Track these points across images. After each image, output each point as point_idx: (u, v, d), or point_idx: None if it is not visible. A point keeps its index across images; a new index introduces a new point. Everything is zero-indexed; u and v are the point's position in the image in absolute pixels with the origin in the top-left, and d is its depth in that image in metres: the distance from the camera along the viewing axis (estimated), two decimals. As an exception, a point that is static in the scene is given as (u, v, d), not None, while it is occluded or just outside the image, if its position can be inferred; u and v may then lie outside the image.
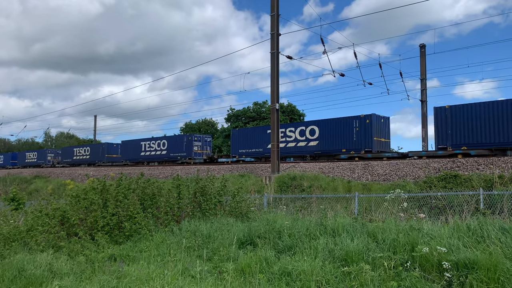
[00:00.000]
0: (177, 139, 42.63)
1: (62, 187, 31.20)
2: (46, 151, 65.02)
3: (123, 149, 48.73)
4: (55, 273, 6.17)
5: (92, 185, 9.46)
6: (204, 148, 40.55)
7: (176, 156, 40.66)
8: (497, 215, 9.50)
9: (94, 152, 53.89)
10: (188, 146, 39.53)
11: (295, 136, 30.46)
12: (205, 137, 41.59)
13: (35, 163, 63.71)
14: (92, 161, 53.84)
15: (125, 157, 47.85)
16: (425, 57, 36.15)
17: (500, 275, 4.73)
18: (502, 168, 17.65)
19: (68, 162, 58.29)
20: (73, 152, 58.27)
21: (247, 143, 33.96)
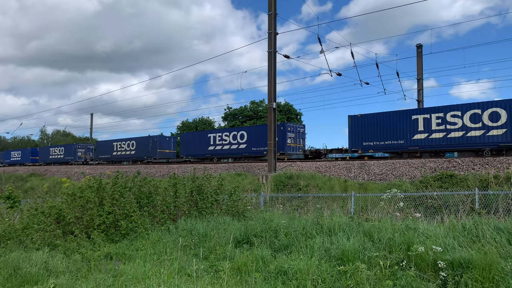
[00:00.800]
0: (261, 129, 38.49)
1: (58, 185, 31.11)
2: (76, 146, 56.23)
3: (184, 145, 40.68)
4: (51, 271, 6.15)
5: (88, 184, 9.44)
6: (298, 142, 34.62)
7: (262, 151, 34.84)
8: (492, 215, 9.55)
9: (141, 147, 44.89)
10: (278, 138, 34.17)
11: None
12: (299, 127, 33.75)
13: (62, 160, 56.04)
14: (140, 157, 45.00)
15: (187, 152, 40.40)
16: (421, 57, 36.28)
17: (495, 275, 4.76)
18: (498, 168, 17.75)
19: (106, 158, 49.25)
20: (112, 147, 48.56)
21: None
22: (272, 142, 23.17)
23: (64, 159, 55.13)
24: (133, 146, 45.22)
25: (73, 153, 54.21)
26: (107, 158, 49.12)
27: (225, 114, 59.18)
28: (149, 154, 42.65)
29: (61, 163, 55.31)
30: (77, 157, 53.36)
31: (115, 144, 48.07)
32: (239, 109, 57.80)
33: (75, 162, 52.88)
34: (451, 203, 11.85)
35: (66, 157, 54.42)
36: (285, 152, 29.69)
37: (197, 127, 61.92)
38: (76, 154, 53.52)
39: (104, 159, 49.41)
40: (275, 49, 23.34)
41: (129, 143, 45.93)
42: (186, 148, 38.60)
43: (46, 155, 59.07)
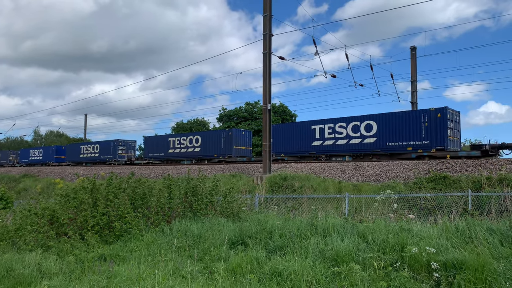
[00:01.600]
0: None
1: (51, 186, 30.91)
2: (115, 142, 46.70)
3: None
4: (44, 273, 6.12)
5: (82, 184, 9.40)
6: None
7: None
8: (485, 216, 9.63)
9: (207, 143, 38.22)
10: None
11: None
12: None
13: (97, 159, 48.49)
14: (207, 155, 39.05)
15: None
16: (415, 60, 36.50)
17: (488, 275, 4.80)
18: (490, 170, 17.89)
19: (159, 157, 41.21)
20: (168, 143, 40.70)
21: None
22: (267, 143, 23.19)
23: (99, 158, 47.94)
24: (197, 142, 38.82)
25: (113, 151, 46.43)
26: (160, 156, 41.36)
27: (220, 115, 59.16)
28: (221, 152, 36.79)
29: (96, 162, 48.44)
30: (118, 156, 45.90)
31: (172, 140, 40.82)
32: (234, 110, 57.80)
33: (115, 161, 45.78)
34: (444, 205, 11.93)
35: (103, 155, 47.17)
36: (445, 147, 23.62)
37: (191, 128, 61.83)
38: (116, 152, 45.98)
39: (157, 157, 41.73)
40: (270, 50, 23.38)
41: (192, 138, 39.44)
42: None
43: (75, 154, 52.18)
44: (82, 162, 50.63)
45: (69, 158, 51.51)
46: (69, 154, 52.56)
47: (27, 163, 60.65)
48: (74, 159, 51.96)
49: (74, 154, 52.46)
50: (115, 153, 45.94)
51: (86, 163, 49.57)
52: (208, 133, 38.70)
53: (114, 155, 45.88)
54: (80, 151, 51.15)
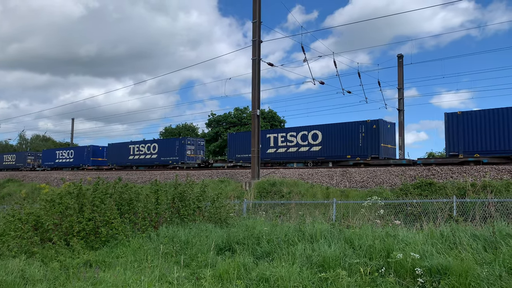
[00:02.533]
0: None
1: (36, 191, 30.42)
2: (183, 140, 38.29)
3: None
4: (28, 279, 6.01)
5: (68, 190, 9.28)
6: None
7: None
8: (470, 222, 9.78)
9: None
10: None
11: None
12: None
13: (154, 161, 39.74)
14: None
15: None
16: (402, 67, 37.01)
17: (471, 281, 4.87)
18: (475, 177, 18.18)
19: (243, 158, 33.14)
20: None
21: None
22: (255, 149, 23.23)
23: (159, 160, 39.03)
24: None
25: (179, 151, 37.17)
26: (273, 157, 33.14)
27: (209, 120, 59.06)
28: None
29: (154, 166, 39.73)
30: (187, 158, 37.01)
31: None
32: (223, 115, 57.78)
33: (181, 165, 37.07)
34: (430, 211, 12.07)
35: (164, 157, 38.46)
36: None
37: (180, 133, 61.57)
38: (183, 153, 36.90)
39: (273, 158, 32.76)
40: (259, 56, 23.49)
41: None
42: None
43: (121, 155, 42.81)
44: (132, 165, 42.13)
45: (112, 161, 44.10)
46: (112, 155, 44.25)
47: (52, 166, 52.24)
48: (121, 162, 43.25)
49: (119, 155, 43.47)
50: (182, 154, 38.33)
51: (138, 167, 41.47)
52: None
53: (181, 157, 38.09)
54: (130, 152, 42.46)
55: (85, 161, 46.82)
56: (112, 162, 44.30)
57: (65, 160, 49.43)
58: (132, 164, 42.25)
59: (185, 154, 37.22)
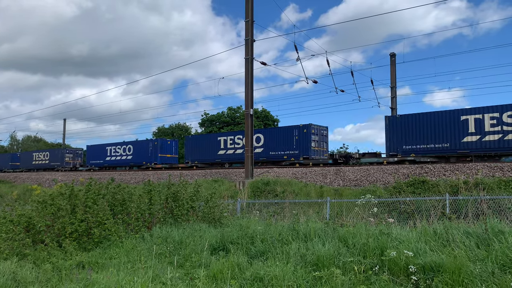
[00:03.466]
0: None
1: (28, 192, 30.13)
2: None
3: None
4: (19, 282, 5.94)
5: (60, 191, 9.20)
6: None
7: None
8: (462, 219, 9.85)
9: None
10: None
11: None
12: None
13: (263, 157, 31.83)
14: None
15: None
16: (395, 66, 37.20)
17: (464, 278, 4.90)
18: (467, 174, 18.32)
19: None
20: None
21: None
22: (249, 148, 23.20)
23: (280, 155, 30.31)
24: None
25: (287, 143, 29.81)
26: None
27: (202, 120, 58.89)
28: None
29: (268, 162, 31.21)
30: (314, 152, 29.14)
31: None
32: (216, 115, 57.65)
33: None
34: (423, 208, 12.14)
35: (281, 150, 30.02)
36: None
37: (173, 133, 61.37)
38: (308, 148, 28.62)
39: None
40: (252, 56, 23.47)
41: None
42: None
43: (203, 149, 35.17)
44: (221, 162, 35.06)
45: (191, 157, 36.43)
46: (192, 149, 37.08)
47: (101, 165, 44.99)
48: (204, 158, 35.68)
49: (205, 149, 36.21)
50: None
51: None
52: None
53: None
54: None
55: (150, 158, 39.15)
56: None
57: (121, 157, 42.26)
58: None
59: (309, 147, 33.76)
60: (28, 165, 55.15)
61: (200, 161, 35.22)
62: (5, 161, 61.62)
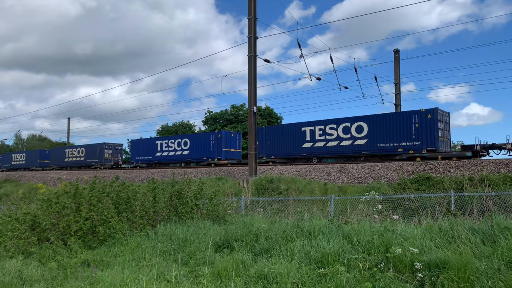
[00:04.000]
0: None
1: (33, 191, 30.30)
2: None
3: None
4: (25, 280, 5.98)
5: (64, 189, 9.24)
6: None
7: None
8: (467, 216, 9.80)
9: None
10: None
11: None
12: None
13: None
14: None
15: None
16: (399, 62, 37.02)
17: (470, 274, 4.87)
18: (472, 171, 18.22)
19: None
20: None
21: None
22: (252, 146, 23.19)
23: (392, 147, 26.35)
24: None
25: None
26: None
27: (206, 118, 58.94)
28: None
29: None
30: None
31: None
32: (219, 113, 57.67)
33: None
34: (428, 205, 12.09)
35: (395, 142, 26.56)
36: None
37: (177, 131, 61.49)
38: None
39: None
40: (255, 53, 23.42)
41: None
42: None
43: (284, 142, 30.48)
44: None
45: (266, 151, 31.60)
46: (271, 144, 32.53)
47: (151, 161, 39.54)
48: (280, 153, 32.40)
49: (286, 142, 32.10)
50: None
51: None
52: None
53: None
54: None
55: (213, 153, 33.94)
56: (268, 154, 33.77)
57: (174, 152, 36.81)
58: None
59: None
60: (60, 162, 50.27)
61: (279, 156, 30.37)
62: (33, 158, 55.28)
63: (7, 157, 61.80)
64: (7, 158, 61.22)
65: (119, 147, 46.86)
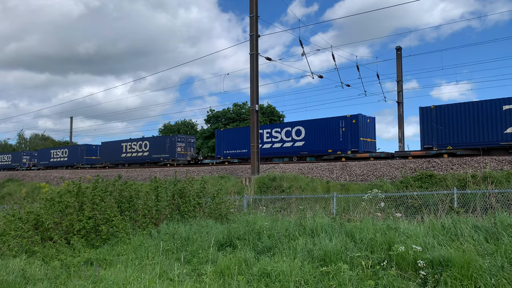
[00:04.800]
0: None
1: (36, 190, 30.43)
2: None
3: None
4: (29, 279, 5.99)
5: (67, 188, 9.26)
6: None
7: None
8: (470, 214, 9.76)
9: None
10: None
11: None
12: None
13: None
14: None
15: None
16: (401, 60, 36.89)
17: (473, 272, 4.85)
18: (475, 168, 18.16)
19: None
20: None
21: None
22: (255, 145, 23.19)
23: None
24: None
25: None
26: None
27: (208, 116, 58.99)
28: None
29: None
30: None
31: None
32: (221, 111, 57.69)
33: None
34: (430, 203, 12.06)
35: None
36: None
37: (179, 130, 61.54)
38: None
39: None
40: (257, 51, 23.39)
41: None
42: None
43: None
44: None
45: None
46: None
47: (244, 155, 32.38)
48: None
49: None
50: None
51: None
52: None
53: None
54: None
55: (345, 144, 27.02)
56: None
57: (281, 144, 30.59)
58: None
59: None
60: (115, 158, 43.62)
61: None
62: (78, 155, 48.76)
63: (44, 153, 55.21)
64: (45, 154, 54.66)
65: (191, 140, 40.04)
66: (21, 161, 58.14)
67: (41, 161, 55.00)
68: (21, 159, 58.51)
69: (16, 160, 59.58)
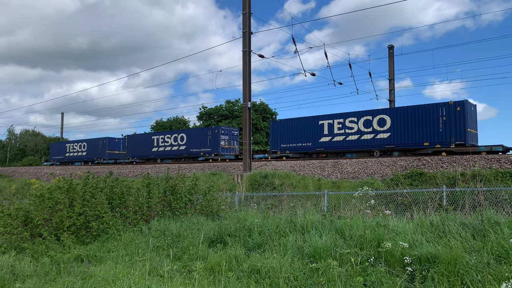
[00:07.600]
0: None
1: (26, 186, 30.13)
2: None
3: None
4: (18, 275, 5.97)
5: (58, 184, 9.21)
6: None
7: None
8: (459, 211, 9.89)
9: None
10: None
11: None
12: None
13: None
14: None
15: None
16: (393, 58, 37.10)
17: (460, 268, 4.93)
18: (464, 166, 18.37)
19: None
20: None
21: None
22: (247, 141, 23.20)
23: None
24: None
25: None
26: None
27: (200, 113, 58.81)
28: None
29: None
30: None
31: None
32: (214, 108, 57.57)
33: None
34: (420, 200, 12.18)
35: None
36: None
37: (171, 126, 61.30)
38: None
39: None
40: (250, 48, 23.37)
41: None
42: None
43: None
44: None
45: None
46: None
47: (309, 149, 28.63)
48: None
49: None
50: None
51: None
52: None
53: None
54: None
55: (444, 136, 22.86)
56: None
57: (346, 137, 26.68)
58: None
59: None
60: (145, 153, 38.70)
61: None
62: (99, 149, 43.75)
63: (59, 147, 49.51)
64: (60, 148, 49.06)
65: (235, 132, 35.25)
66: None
67: (55, 156, 49.75)
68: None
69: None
